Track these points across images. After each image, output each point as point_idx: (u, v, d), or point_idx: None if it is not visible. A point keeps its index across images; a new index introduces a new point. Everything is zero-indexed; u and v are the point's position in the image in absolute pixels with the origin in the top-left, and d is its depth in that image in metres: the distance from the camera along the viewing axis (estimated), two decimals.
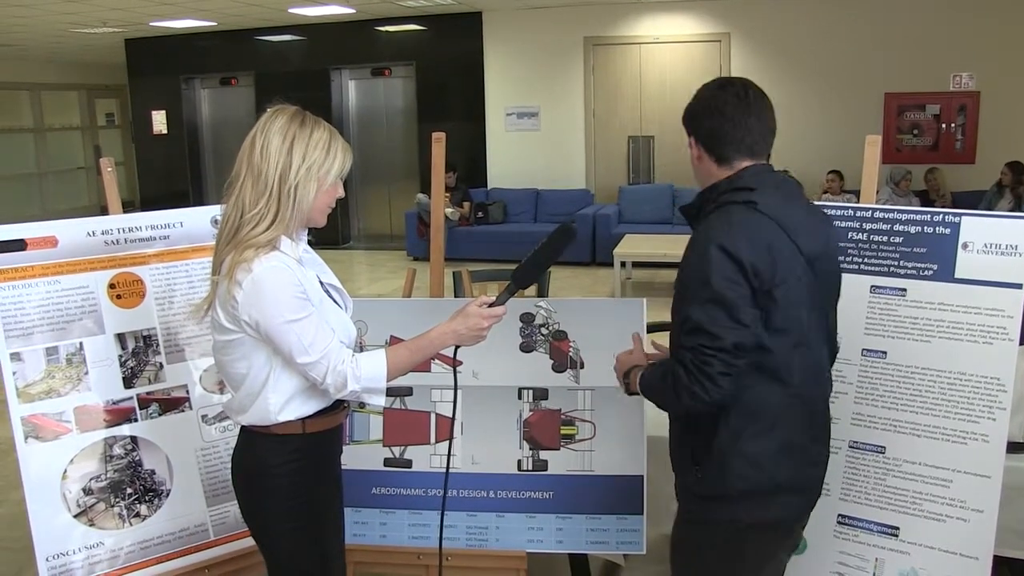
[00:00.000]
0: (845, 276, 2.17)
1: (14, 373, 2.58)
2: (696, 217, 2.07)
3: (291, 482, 2.10)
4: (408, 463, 2.94)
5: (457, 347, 2.11)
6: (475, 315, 2.04)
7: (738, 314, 1.84)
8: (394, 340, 2.83)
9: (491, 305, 2.06)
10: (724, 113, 1.97)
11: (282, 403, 2.06)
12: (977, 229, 2.47)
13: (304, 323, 1.96)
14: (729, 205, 1.94)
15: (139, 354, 2.74)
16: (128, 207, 3.11)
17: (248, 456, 2.15)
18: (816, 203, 2.22)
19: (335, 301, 2.17)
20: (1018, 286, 2.42)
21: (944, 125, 9.97)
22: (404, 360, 2.06)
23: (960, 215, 2.50)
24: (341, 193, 2.10)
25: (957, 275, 2.47)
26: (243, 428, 2.15)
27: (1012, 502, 2.54)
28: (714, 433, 1.95)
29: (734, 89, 1.98)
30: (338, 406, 2.16)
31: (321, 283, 2.16)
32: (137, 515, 2.71)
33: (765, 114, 1.99)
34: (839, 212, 2.61)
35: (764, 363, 1.90)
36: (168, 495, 2.76)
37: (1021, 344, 2.48)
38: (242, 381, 2.07)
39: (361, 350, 2.31)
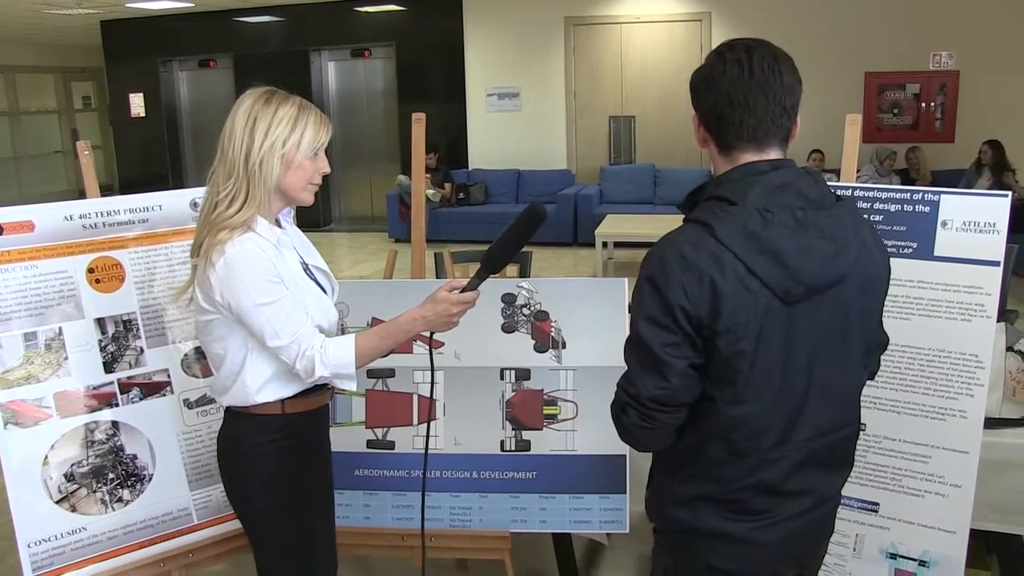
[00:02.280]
0: None
1: None
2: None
3: (273, 462, 2.12)
4: (391, 445, 2.94)
5: (432, 333, 2.09)
6: (444, 301, 2.01)
7: (660, 365, 1.55)
8: (375, 322, 2.83)
9: (462, 290, 2.02)
10: (721, 88, 1.57)
11: (259, 385, 2.07)
12: (956, 207, 2.48)
13: (275, 307, 1.96)
14: (689, 224, 1.60)
15: (119, 339, 2.72)
16: (107, 191, 3.07)
17: (231, 437, 2.16)
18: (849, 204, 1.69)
19: (319, 284, 2.17)
20: (996, 263, 2.44)
21: (924, 104, 10.01)
22: (374, 346, 2.05)
23: (939, 193, 2.51)
24: (325, 168, 2.08)
25: (936, 253, 2.48)
26: (226, 409, 2.17)
27: (988, 477, 2.57)
28: (656, 466, 1.79)
29: (734, 55, 1.57)
30: (320, 388, 2.16)
31: (307, 265, 2.16)
32: (120, 500, 2.70)
33: (774, 89, 1.56)
34: None
35: (704, 411, 1.61)
36: (151, 480, 2.75)
37: (998, 321, 2.51)
38: (221, 362, 2.10)
39: (343, 332, 2.31)
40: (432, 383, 2.29)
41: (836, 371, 1.65)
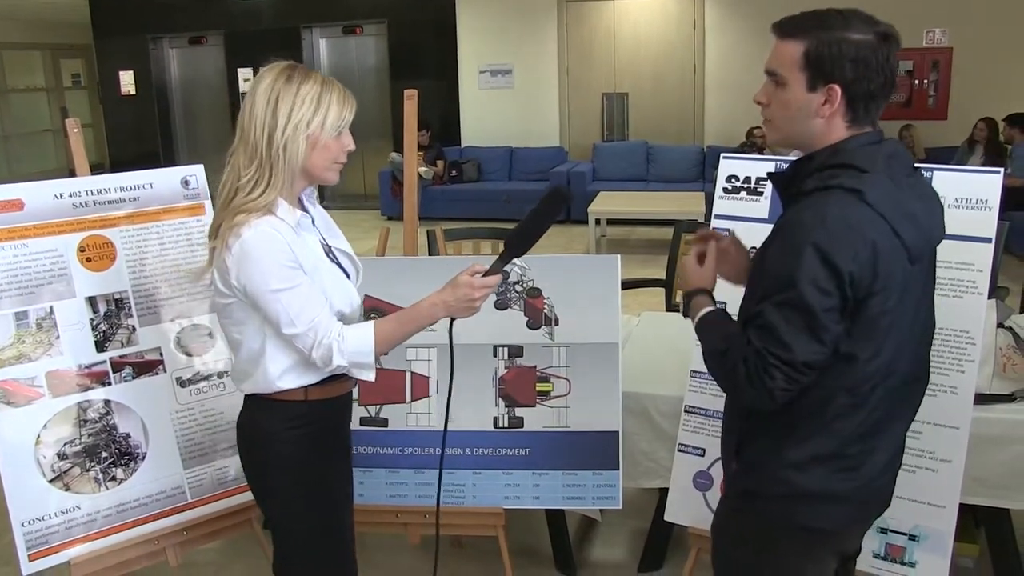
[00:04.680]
0: None
1: None
2: (788, 189, 1.75)
3: (293, 449, 2.05)
4: (384, 422, 2.95)
5: (452, 319, 2.01)
6: (466, 285, 1.93)
7: (819, 331, 1.59)
8: (368, 300, 2.82)
9: (484, 274, 1.95)
10: (885, 68, 1.65)
11: (281, 371, 2.00)
12: (948, 184, 2.48)
13: (290, 293, 1.89)
14: (832, 190, 1.62)
15: (111, 317, 2.72)
16: (97, 169, 3.06)
17: (251, 422, 2.09)
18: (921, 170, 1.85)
19: (342, 268, 2.11)
20: (988, 240, 2.45)
21: (917, 81, 10.00)
22: (393, 333, 1.98)
23: (932, 170, 2.51)
24: (350, 145, 2.02)
25: None
26: (246, 395, 2.09)
27: (978, 452, 2.59)
28: (758, 430, 1.78)
29: (894, 37, 1.67)
30: (344, 375, 2.07)
31: (329, 248, 2.10)
32: (113, 479, 2.70)
33: None
34: None
35: (835, 369, 1.65)
36: (144, 458, 2.75)
37: (989, 298, 2.51)
38: (238, 347, 2.03)
39: None
40: (452, 365, 2.14)
41: (928, 321, 1.83)
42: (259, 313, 1.95)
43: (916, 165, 1.81)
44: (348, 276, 2.12)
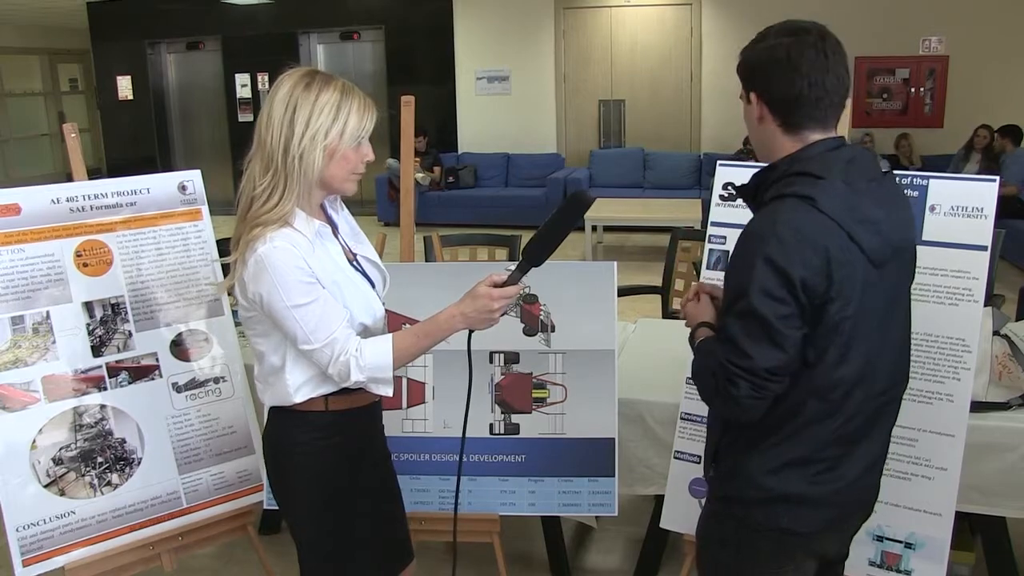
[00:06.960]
0: None
1: None
2: (755, 200, 1.79)
3: (317, 461, 2.03)
4: None
5: (471, 331, 1.99)
6: (485, 296, 1.90)
7: (777, 336, 1.61)
8: None
9: (502, 284, 1.92)
10: (800, 70, 1.64)
11: (298, 385, 1.98)
12: (945, 192, 2.49)
13: (306, 309, 1.86)
14: (786, 198, 1.64)
15: (107, 322, 2.71)
16: (95, 174, 3.06)
17: (275, 434, 2.07)
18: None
19: (367, 276, 2.07)
20: (983, 248, 2.45)
21: (913, 89, 10.03)
22: (411, 347, 1.95)
23: (928, 178, 2.52)
24: (369, 155, 1.96)
25: (925, 237, 2.49)
26: (271, 407, 2.07)
27: (974, 460, 2.59)
28: (735, 437, 1.81)
29: (811, 39, 1.65)
30: None
31: (355, 256, 2.07)
32: (108, 484, 2.70)
33: (843, 72, 1.68)
34: None
35: (801, 375, 1.68)
36: (139, 463, 2.75)
37: (985, 305, 2.52)
38: (261, 359, 2.02)
39: None
40: (470, 380, 2.14)
41: (900, 327, 1.83)
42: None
43: (909, 171, 1.83)
44: (374, 285, 2.08)
